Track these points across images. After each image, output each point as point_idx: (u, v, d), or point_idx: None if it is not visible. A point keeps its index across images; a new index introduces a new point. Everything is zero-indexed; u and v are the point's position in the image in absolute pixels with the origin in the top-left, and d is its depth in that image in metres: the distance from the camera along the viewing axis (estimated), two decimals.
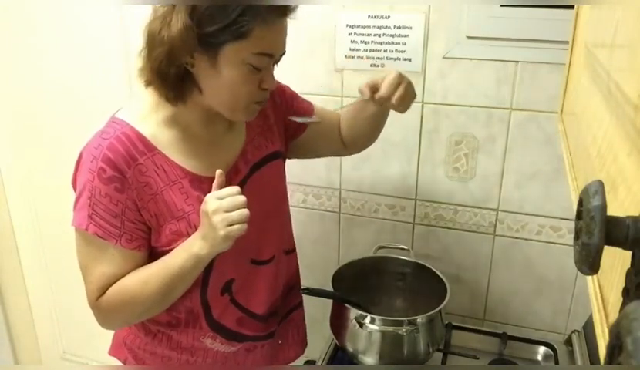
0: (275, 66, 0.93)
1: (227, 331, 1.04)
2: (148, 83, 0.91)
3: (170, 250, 0.92)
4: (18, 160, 1.80)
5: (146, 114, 0.93)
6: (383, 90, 0.98)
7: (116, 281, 0.92)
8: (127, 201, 0.89)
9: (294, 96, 1.15)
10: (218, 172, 0.88)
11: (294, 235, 1.20)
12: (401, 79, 0.99)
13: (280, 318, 1.16)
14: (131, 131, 0.90)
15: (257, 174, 1.03)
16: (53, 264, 1.91)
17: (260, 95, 0.92)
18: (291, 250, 1.18)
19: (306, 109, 1.15)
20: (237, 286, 1.03)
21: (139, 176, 0.89)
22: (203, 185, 0.93)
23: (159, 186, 0.91)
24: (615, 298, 0.34)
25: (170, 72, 0.86)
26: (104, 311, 0.93)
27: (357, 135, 1.18)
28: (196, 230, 0.90)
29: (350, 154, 1.24)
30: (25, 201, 1.85)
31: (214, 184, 0.88)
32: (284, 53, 0.92)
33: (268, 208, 1.06)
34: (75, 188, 0.93)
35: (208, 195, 0.87)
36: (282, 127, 1.11)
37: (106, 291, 0.92)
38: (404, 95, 0.99)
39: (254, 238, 1.01)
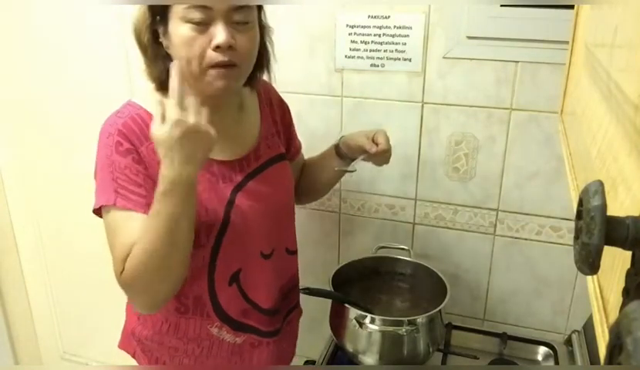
0: (234, 25, 0.88)
1: (233, 322, 1.05)
2: (148, 77, 0.95)
3: None
4: (19, 160, 1.80)
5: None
6: (385, 145, 1.09)
7: None
8: (146, 171, 0.91)
9: (292, 125, 1.20)
10: (157, 100, 0.84)
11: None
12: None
13: (283, 317, 1.16)
14: (145, 113, 0.93)
15: (268, 170, 1.05)
16: (53, 264, 1.90)
17: (215, 56, 0.87)
18: (294, 251, 1.19)
19: (297, 148, 1.22)
20: (244, 277, 1.03)
21: (152, 154, 0.90)
22: (212, 167, 0.96)
23: None
24: (615, 298, 0.34)
25: (153, 62, 0.92)
26: (127, 284, 0.90)
27: (314, 190, 1.27)
28: (205, 209, 0.93)
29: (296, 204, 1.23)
30: (25, 201, 1.85)
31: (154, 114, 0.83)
32: (234, 7, 0.87)
33: (276, 204, 1.07)
34: (96, 174, 0.94)
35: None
36: (284, 139, 1.15)
37: None
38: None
39: (261, 231, 1.03)
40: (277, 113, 1.14)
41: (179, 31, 0.87)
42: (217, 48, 0.87)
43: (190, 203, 0.86)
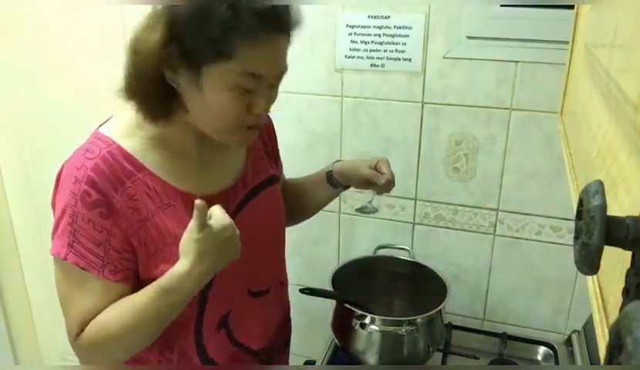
0: (272, 88, 0.83)
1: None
2: (128, 98, 0.82)
3: None
4: (19, 160, 1.80)
5: (132, 130, 0.85)
6: (390, 175, 1.03)
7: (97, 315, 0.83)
8: (113, 228, 0.81)
9: (277, 143, 1.09)
10: (197, 202, 0.75)
11: (295, 235, 1.20)
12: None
13: (274, 355, 1.08)
14: (117, 150, 0.82)
15: (257, 199, 0.97)
16: (53, 265, 1.90)
17: (250, 119, 0.82)
18: (285, 284, 1.11)
19: (280, 167, 1.12)
20: (233, 319, 0.95)
21: (127, 200, 0.81)
22: None
23: (149, 210, 0.83)
24: (615, 298, 0.34)
25: (148, 89, 0.79)
26: (85, 348, 0.84)
27: (297, 214, 1.17)
28: None
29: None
30: (25, 201, 1.85)
31: (194, 215, 0.75)
32: (282, 73, 0.83)
33: (268, 234, 1.00)
34: (53, 210, 0.86)
35: (191, 224, 0.76)
36: (273, 157, 1.07)
37: (86, 326, 0.83)
38: None
39: (252, 267, 0.95)
40: (264, 132, 1.04)
41: (220, 93, 0.78)
42: (256, 113, 0.82)
43: (188, 301, 0.82)
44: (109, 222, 0.80)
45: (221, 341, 0.95)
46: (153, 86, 0.79)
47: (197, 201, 0.75)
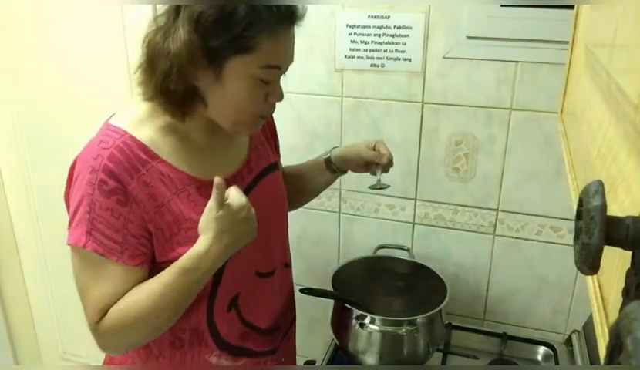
0: (283, 77, 0.90)
1: (232, 348, 1.00)
2: (150, 98, 0.86)
3: None
4: (19, 160, 1.80)
5: (143, 120, 0.88)
6: (389, 153, 1.08)
7: (117, 301, 0.85)
8: (130, 214, 0.83)
9: (276, 134, 1.14)
10: (217, 180, 0.80)
11: (295, 235, 1.20)
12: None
13: (282, 334, 1.12)
14: (130, 139, 0.85)
15: (261, 184, 1.00)
16: (53, 265, 1.90)
17: (265, 108, 0.89)
18: (289, 265, 1.15)
19: (278, 154, 1.16)
20: (242, 300, 0.98)
21: (143, 188, 0.84)
22: (208, 190, 0.86)
23: (165, 197, 0.86)
24: (615, 298, 0.34)
25: (177, 89, 0.82)
26: (106, 335, 0.86)
27: (295, 200, 1.19)
28: None
29: None
30: (25, 201, 1.85)
31: (213, 193, 0.81)
32: (291, 63, 0.89)
33: (273, 218, 1.03)
34: (68, 203, 0.87)
35: (210, 203, 0.82)
36: (273, 145, 1.11)
37: (106, 313, 0.85)
38: None
39: (260, 249, 0.99)
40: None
41: (241, 85, 0.83)
42: (272, 102, 0.88)
43: (207, 281, 0.86)
44: (126, 209, 0.83)
45: (232, 320, 0.98)
46: (175, 84, 0.82)
47: (217, 179, 0.80)
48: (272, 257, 1.04)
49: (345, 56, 1.34)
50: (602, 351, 0.33)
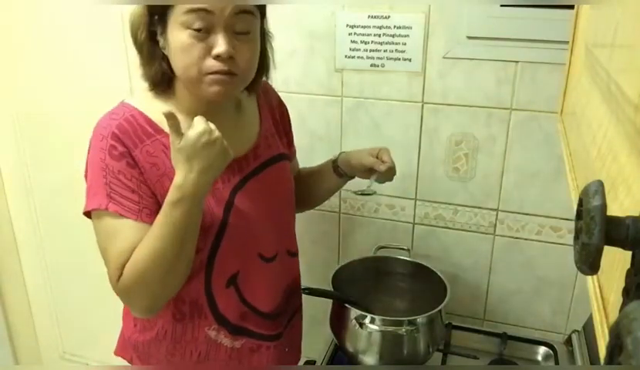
0: (235, 33, 0.87)
1: (230, 325, 1.04)
2: (150, 89, 0.95)
3: None
4: (19, 160, 1.80)
5: (153, 101, 0.95)
6: (391, 162, 1.09)
7: None
8: (140, 176, 0.90)
9: (291, 129, 1.18)
10: (165, 112, 0.83)
11: (295, 235, 1.20)
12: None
13: (286, 321, 1.15)
14: (139, 115, 0.92)
15: (267, 170, 1.04)
16: (53, 264, 1.90)
17: (214, 64, 0.86)
18: (295, 253, 1.18)
19: (293, 153, 1.21)
20: (242, 279, 1.02)
21: (146, 156, 0.90)
22: None
23: (167, 166, 0.91)
24: (615, 298, 0.34)
25: (146, 60, 0.91)
26: (126, 289, 0.90)
27: (305, 202, 1.25)
28: (204, 211, 0.91)
29: None
30: (25, 201, 1.85)
31: (169, 126, 0.84)
32: (239, 10, 0.86)
33: (275, 205, 1.07)
34: (86, 175, 0.93)
35: (170, 137, 0.85)
36: (284, 139, 1.14)
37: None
38: None
39: (262, 233, 1.02)
40: (277, 113, 1.13)
41: (178, 37, 0.86)
42: (217, 57, 0.86)
43: (200, 211, 0.88)
44: (136, 171, 0.90)
45: (231, 297, 1.02)
46: (150, 57, 0.91)
47: (164, 112, 0.83)
48: (275, 242, 1.07)
49: (345, 56, 1.34)
50: (602, 351, 0.33)
